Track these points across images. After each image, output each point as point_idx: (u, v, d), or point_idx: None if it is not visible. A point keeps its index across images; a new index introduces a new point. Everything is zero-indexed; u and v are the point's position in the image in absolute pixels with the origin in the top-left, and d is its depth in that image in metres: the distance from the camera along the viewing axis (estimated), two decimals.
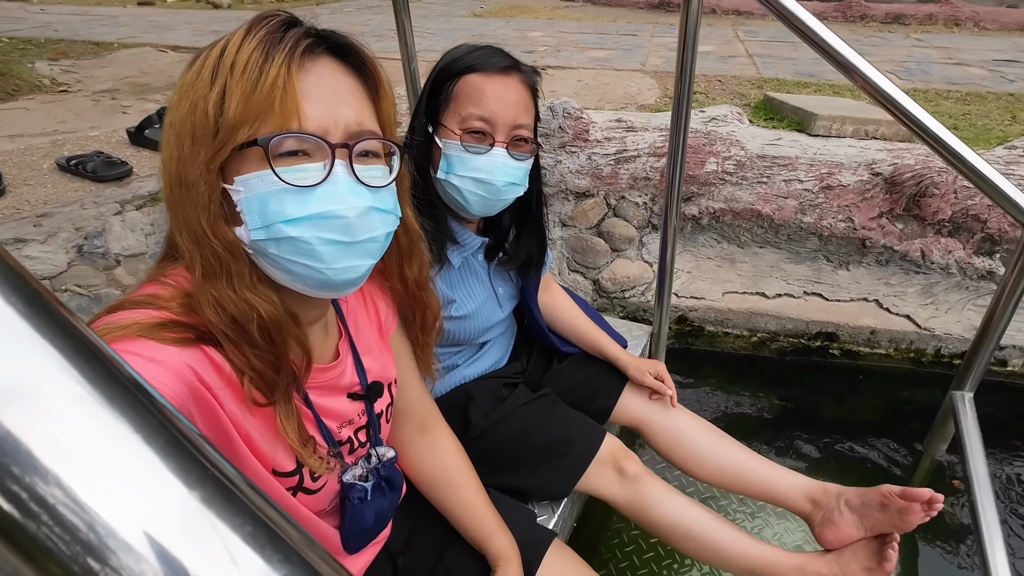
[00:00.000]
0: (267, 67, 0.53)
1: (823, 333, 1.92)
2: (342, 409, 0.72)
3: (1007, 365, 1.85)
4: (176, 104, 0.56)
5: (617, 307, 2.07)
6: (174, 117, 0.56)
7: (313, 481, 0.68)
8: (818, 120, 2.20)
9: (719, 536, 1.08)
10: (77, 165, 1.81)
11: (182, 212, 0.55)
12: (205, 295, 0.55)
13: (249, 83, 0.53)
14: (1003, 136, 2.37)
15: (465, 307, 1.10)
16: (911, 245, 1.93)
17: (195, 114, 0.54)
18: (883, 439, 1.72)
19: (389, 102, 0.63)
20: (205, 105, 0.53)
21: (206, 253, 0.55)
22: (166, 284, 0.58)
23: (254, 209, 0.55)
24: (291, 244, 0.56)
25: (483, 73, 0.97)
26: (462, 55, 0.99)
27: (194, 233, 0.55)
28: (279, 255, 0.56)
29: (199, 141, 0.54)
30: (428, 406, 0.93)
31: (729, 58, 4.08)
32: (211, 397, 0.55)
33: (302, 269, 0.57)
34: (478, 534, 0.89)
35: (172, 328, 0.54)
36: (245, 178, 0.55)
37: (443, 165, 0.99)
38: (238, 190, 0.55)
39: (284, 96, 0.54)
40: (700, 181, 2.02)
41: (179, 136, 0.55)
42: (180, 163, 0.55)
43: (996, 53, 4.38)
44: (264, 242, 0.56)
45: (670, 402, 1.26)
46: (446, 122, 0.98)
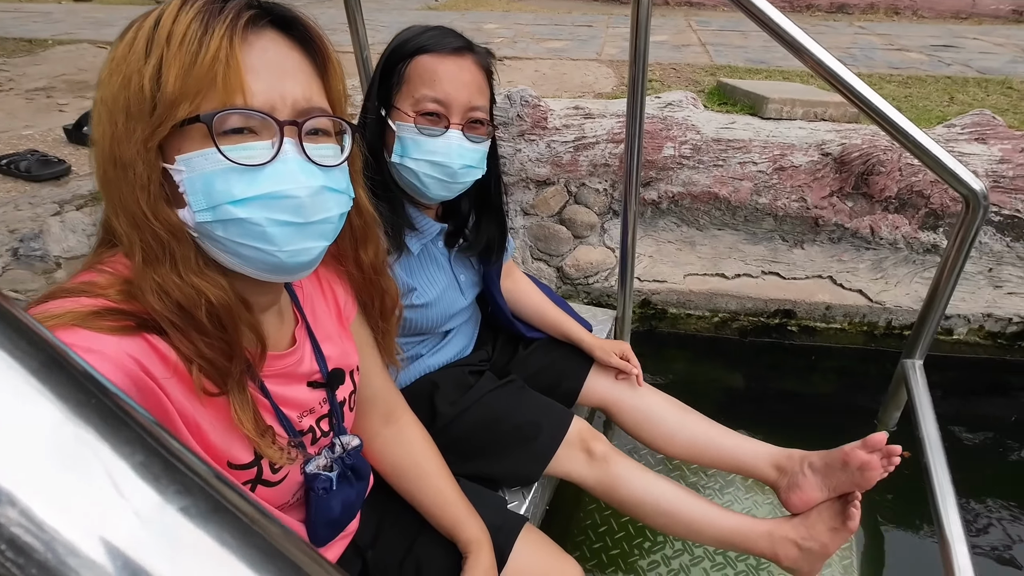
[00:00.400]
0: (207, 39, 0.50)
1: (781, 311, 1.97)
2: (302, 398, 0.70)
3: (953, 334, 1.93)
4: (107, 79, 0.52)
5: (581, 293, 2.08)
6: (105, 93, 0.52)
7: (273, 473, 0.65)
8: (769, 103, 2.25)
9: (689, 509, 1.09)
10: (9, 164, 1.71)
11: (118, 194, 0.52)
12: (147, 281, 0.52)
13: (188, 56, 0.50)
14: (942, 115, 2.47)
15: (426, 295, 1.08)
16: (861, 222, 1.99)
17: (129, 89, 0.50)
18: (840, 410, 1.78)
19: (338, 78, 0.60)
20: (140, 79, 0.50)
21: (147, 237, 0.52)
22: (103, 271, 0.55)
23: (198, 190, 0.52)
24: (239, 226, 0.53)
25: (436, 54, 0.95)
26: (414, 36, 0.97)
27: (133, 216, 0.51)
28: (227, 238, 0.53)
29: (134, 118, 0.50)
30: (393, 395, 0.91)
31: (683, 47, 4.14)
32: (157, 388, 0.52)
33: (252, 252, 0.55)
34: (448, 522, 0.87)
35: (110, 316, 0.51)
36: (187, 157, 0.51)
37: (397, 148, 0.97)
38: (180, 170, 0.52)
39: (227, 70, 0.51)
40: (658, 166, 2.04)
41: (112, 113, 0.51)
42: (114, 141, 0.51)
43: (933, 39, 4.57)
44: (210, 224, 0.53)
45: (636, 381, 1.27)
46: (399, 104, 0.96)
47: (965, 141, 2.00)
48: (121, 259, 0.56)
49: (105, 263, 0.56)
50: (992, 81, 3.20)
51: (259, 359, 0.61)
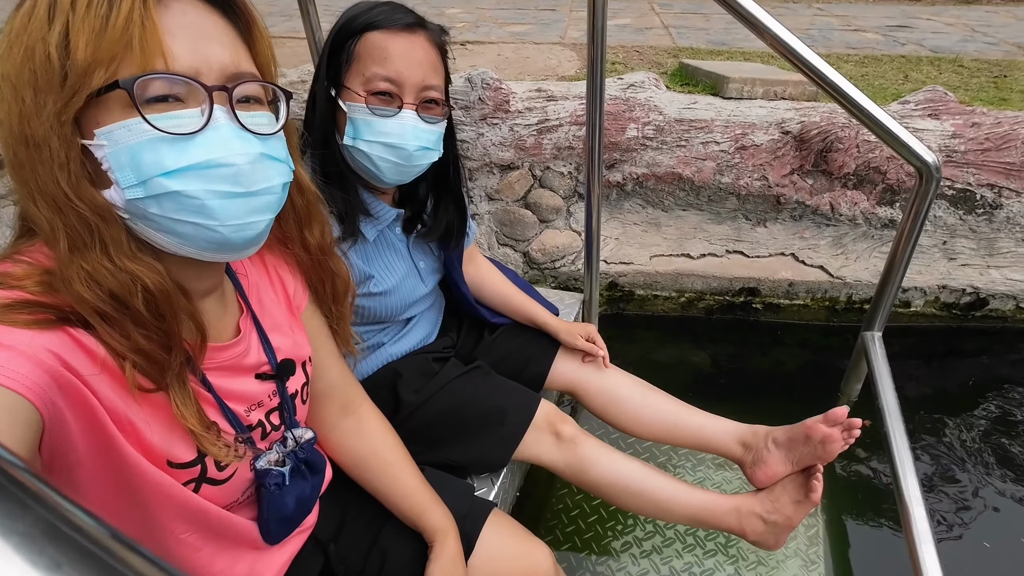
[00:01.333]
0: (117, 1, 0.46)
1: (746, 289, 1.99)
2: (249, 391, 0.67)
3: (911, 306, 1.98)
4: (6, 53, 0.47)
5: (548, 278, 2.06)
6: (6, 67, 0.47)
7: (219, 471, 0.62)
8: (730, 83, 2.26)
9: (657, 487, 1.09)
10: None
11: (33, 177, 0.47)
12: (74, 270, 0.48)
13: (99, 19, 0.46)
14: (897, 93, 2.52)
15: (384, 283, 1.05)
16: (821, 199, 2.02)
17: (33, 60, 0.46)
18: (805, 385, 1.82)
19: (265, 43, 0.56)
20: (45, 48, 0.46)
21: (71, 221, 0.48)
22: (20, 261, 0.51)
23: (124, 164, 0.48)
24: (175, 200, 0.49)
25: (386, 30, 0.91)
26: (362, 11, 0.93)
27: (53, 198, 0.47)
28: (162, 215, 0.50)
29: (43, 91, 0.46)
30: (350, 385, 0.88)
31: (646, 29, 4.14)
32: (81, 385, 0.48)
33: (191, 229, 0.51)
34: (412, 512, 0.85)
35: (26, 309, 0.47)
36: (108, 129, 0.48)
37: (349, 131, 0.92)
38: (101, 144, 0.48)
39: (143, 32, 0.47)
40: (622, 147, 2.03)
41: (16, 88, 0.46)
42: (23, 119, 0.47)
43: (888, 20, 4.66)
44: (142, 201, 0.49)
45: (603, 363, 1.26)
46: (349, 84, 0.91)
47: (919, 117, 2.04)
48: (41, 248, 0.52)
49: (23, 253, 0.52)
50: (944, 59, 3.28)
51: (199, 350, 0.58)
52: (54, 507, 0.14)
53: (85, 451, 0.50)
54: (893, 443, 1.20)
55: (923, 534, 1.02)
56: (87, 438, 0.50)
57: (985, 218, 2.00)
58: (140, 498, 0.55)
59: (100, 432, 0.50)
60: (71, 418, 0.48)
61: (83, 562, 0.13)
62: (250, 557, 0.71)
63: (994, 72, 2.99)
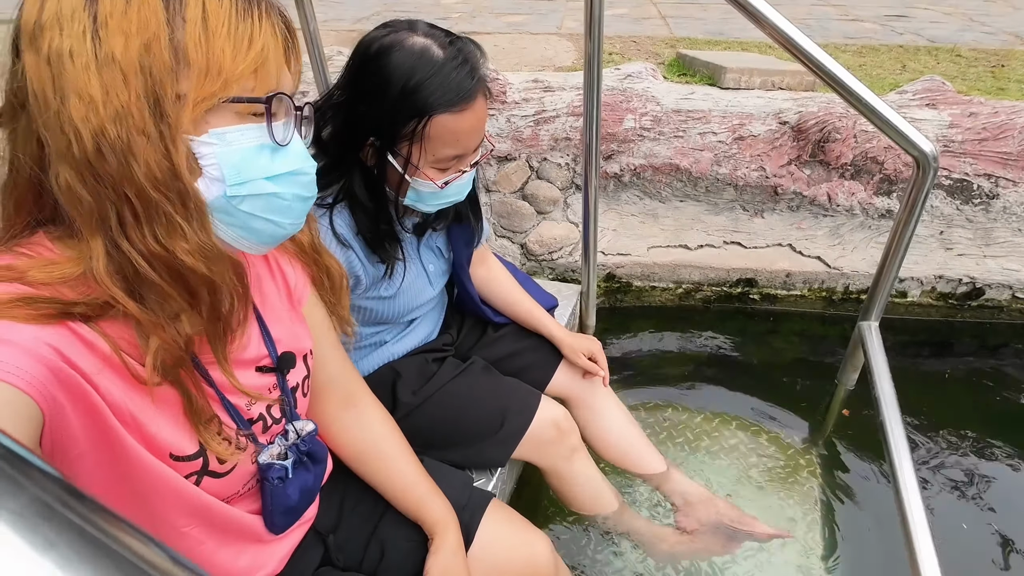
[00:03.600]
0: (252, 24, 0.51)
1: (743, 279, 2.00)
2: (250, 384, 0.66)
3: (907, 296, 1.99)
4: (97, 33, 0.46)
5: (546, 269, 2.06)
6: (110, 49, 0.46)
7: (220, 463, 0.62)
8: (728, 73, 2.25)
9: (626, 523, 1.28)
10: None
11: (136, 160, 0.47)
12: (176, 245, 0.49)
13: (239, 39, 0.50)
14: (895, 83, 2.51)
15: (394, 285, 1.04)
16: (818, 190, 2.02)
17: (158, 51, 0.47)
18: (802, 374, 1.82)
19: (300, 63, 0.59)
20: (172, 45, 0.48)
21: (176, 203, 0.49)
22: (21, 254, 0.50)
23: (233, 163, 0.52)
24: (268, 200, 0.55)
25: (453, 112, 0.86)
26: (423, 81, 0.85)
27: (163, 182, 0.48)
28: (250, 211, 0.54)
29: (163, 83, 0.47)
30: (352, 378, 0.88)
31: (642, 20, 4.12)
32: (82, 380, 0.48)
33: (266, 225, 0.56)
34: (412, 504, 0.86)
35: (26, 304, 0.47)
36: (222, 131, 0.51)
37: (412, 196, 0.94)
38: (211, 143, 0.51)
39: (273, 55, 0.53)
40: (619, 139, 2.02)
41: (125, 73, 0.46)
42: (134, 104, 0.47)
43: (886, 9, 4.64)
44: (239, 199, 0.53)
45: (602, 382, 1.29)
46: (416, 161, 0.90)
47: (916, 107, 2.03)
48: (42, 241, 0.51)
49: (23, 245, 0.52)
50: (942, 49, 3.27)
51: (201, 344, 0.58)
52: (48, 486, 0.14)
53: (87, 445, 0.50)
54: (889, 432, 1.21)
55: (919, 522, 1.03)
56: (89, 432, 0.50)
57: (982, 208, 2.00)
58: (143, 492, 0.55)
59: (102, 426, 0.50)
60: (72, 412, 0.48)
61: (78, 541, 0.13)
62: (252, 550, 0.71)
63: (992, 62, 2.99)
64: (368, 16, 4.26)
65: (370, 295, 1.02)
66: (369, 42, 0.88)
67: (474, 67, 0.88)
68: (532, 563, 0.93)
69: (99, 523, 0.14)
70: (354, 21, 4.08)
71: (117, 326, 0.52)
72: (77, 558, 0.12)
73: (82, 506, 0.14)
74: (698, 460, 1.52)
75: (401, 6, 4.58)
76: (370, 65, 0.87)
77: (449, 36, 0.89)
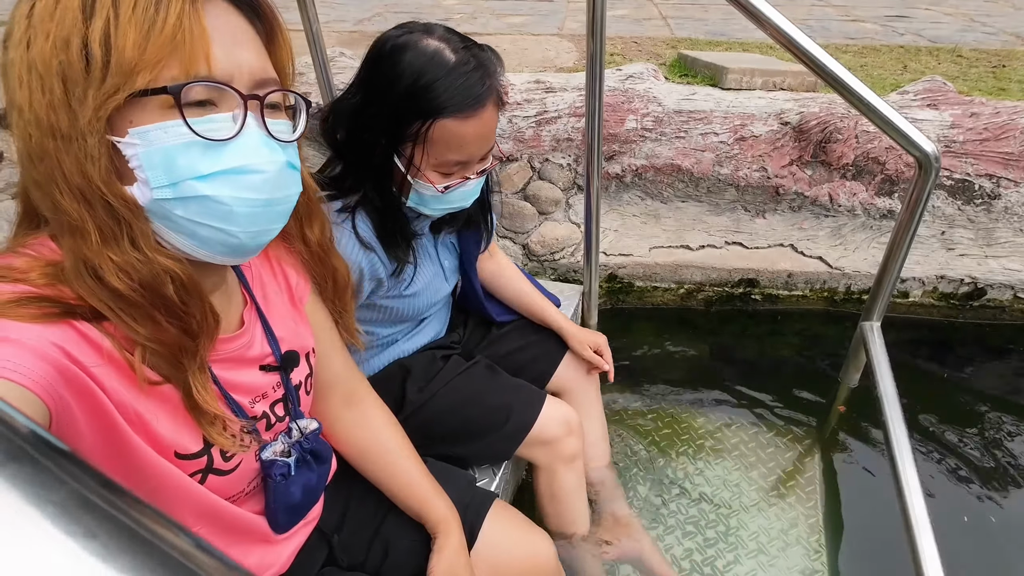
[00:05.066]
0: (164, 3, 0.46)
1: (745, 280, 2.00)
2: (254, 382, 0.67)
3: (909, 296, 1.99)
4: (30, 39, 0.46)
5: (548, 270, 2.07)
6: (30, 54, 0.46)
7: (225, 461, 0.62)
8: (729, 74, 2.25)
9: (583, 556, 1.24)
10: None
11: (59, 168, 0.47)
12: (105, 261, 0.48)
13: (147, 20, 0.45)
14: (896, 83, 2.52)
15: (417, 283, 1.06)
16: (820, 190, 2.03)
17: (68, 52, 0.45)
18: (804, 374, 1.82)
19: (287, 50, 0.57)
20: (82, 41, 0.45)
21: (101, 214, 0.47)
22: (23, 254, 0.51)
23: (157, 164, 0.48)
24: (202, 204, 0.50)
25: (460, 117, 0.86)
26: (431, 83, 0.84)
27: (82, 191, 0.47)
28: (186, 217, 0.50)
29: (77, 83, 0.46)
30: (354, 377, 0.88)
31: (644, 20, 4.12)
32: (87, 378, 0.48)
33: (211, 232, 0.52)
34: (415, 503, 0.86)
35: (32, 303, 0.47)
36: (143, 130, 0.47)
37: (414, 198, 0.94)
38: (133, 143, 0.47)
39: (191, 38, 0.47)
40: (621, 139, 2.03)
41: (43, 77, 0.46)
42: (51, 110, 0.46)
43: (887, 9, 4.65)
44: (169, 202, 0.49)
45: (608, 377, 1.29)
46: (418, 163, 0.89)
47: (918, 107, 2.04)
48: (44, 242, 0.52)
49: (26, 246, 0.52)
50: (943, 50, 3.28)
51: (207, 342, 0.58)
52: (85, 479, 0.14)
53: (93, 443, 0.50)
54: (892, 432, 1.21)
55: (921, 521, 1.03)
56: (95, 430, 0.50)
57: (983, 208, 2.00)
58: (149, 490, 0.56)
59: (108, 424, 0.51)
60: (78, 411, 0.48)
61: (117, 531, 0.13)
62: (259, 550, 0.72)
63: (993, 62, 2.99)
64: (369, 17, 4.26)
65: (391, 294, 1.03)
66: (384, 41, 0.88)
67: (486, 75, 0.87)
68: (535, 563, 0.94)
69: (134, 514, 0.14)
70: (355, 22, 4.09)
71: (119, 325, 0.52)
72: (117, 548, 0.12)
73: (119, 498, 0.14)
74: (700, 461, 1.52)
75: (402, 7, 4.59)
76: (382, 63, 0.87)
77: (465, 42, 0.89)
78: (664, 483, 1.47)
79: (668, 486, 1.46)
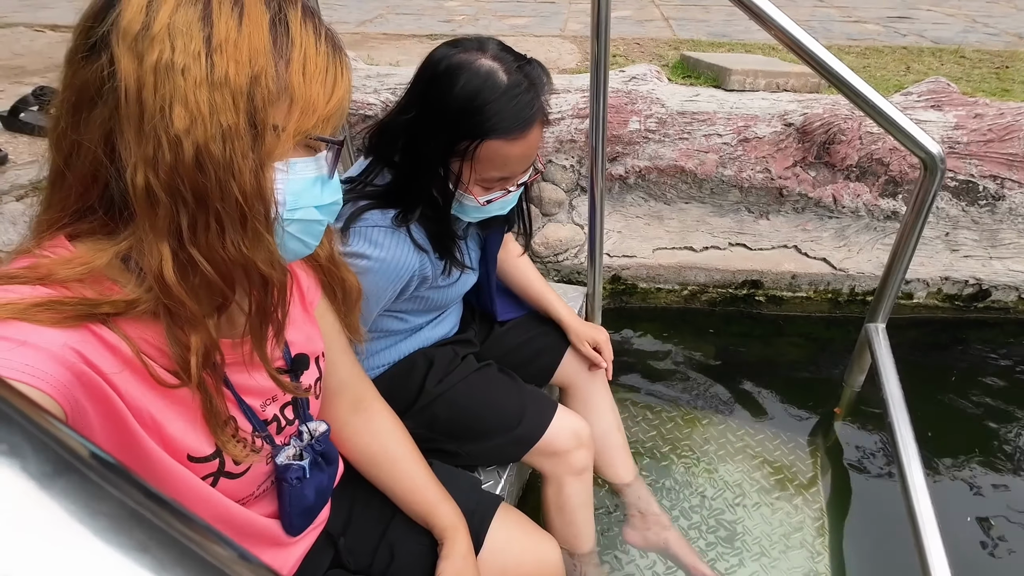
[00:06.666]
0: (336, 72, 0.54)
1: (749, 281, 1.99)
2: (264, 385, 0.67)
3: (913, 298, 1.99)
4: (217, 61, 0.48)
5: (551, 271, 2.07)
6: (220, 72, 0.48)
7: (236, 464, 0.62)
8: (732, 75, 2.25)
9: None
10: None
11: (226, 176, 0.49)
12: (206, 256, 0.51)
13: (330, 85, 0.54)
14: (900, 84, 2.51)
15: (454, 275, 1.08)
16: (823, 191, 2.02)
17: (260, 84, 0.49)
18: (808, 375, 1.82)
19: None
20: (280, 76, 0.51)
21: (254, 221, 0.52)
22: (41, 255, 0.51)
23: (294, 191, 0.55)
24: (308, 226, 0.58)
25: (509, 139, 0.88)
26: (483, 105, 0.86)
27: (246, 198, 0.51)
28: (292, 233, 0.57)
29: (265, 113, 0.50)
30: (361, 382, 0.88)
31: (646, 22, 4.12)
32: (103, 383, 0.49)
33: (299, 246, 0.59)
34: (421, 507, 0.86)
35: (51, 308, 0.47)
36: (293, 162, 0.54)
37: (456, 208, 0.97)
38: (283, 170, 0.54)
39: (347, 96, 0.56)
40: (624, 140, 2.03)
41: (235, 96, 0.49)
42: (240, 126, 0.50)
43: (888, 10, 4.65)
44: (290, 222, 0.56)
45: (606, 374, 1.29)
46: (464, 178, 0.92)
47: (922, 108, 2.03)
48: (61, 242, 0.52)
49: (43, 247, 0.52)
50: (945, 50, 3.27)
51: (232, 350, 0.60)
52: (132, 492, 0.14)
53: (108, 447, 0.50)
54: (898, 434, 1.20)
55: (928, 524, 1.03)
56: (110, 434, 0.50)
57: (987, 209, 2.00)
58: None
59: (122, 428, 0.51)
60: (93, 415, 0.48)
61: (168, 544, 0.13)
62: (270, 553, 0.72)
63: (996, 63, 2.99)
64: (372, 19, 4.27)
65: (432, 285, 1.06)
66: (439, 60, 0.89)
67: (535, 96, 0.89)
68: (542, 567, 0.93)
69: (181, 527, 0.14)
70: (357, 24, 4.09)
71: (138, 327, 0.52)
72: (170, 561, 0.12)
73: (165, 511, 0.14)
74: (704, 462, 1.52)
75: (404, 9, 4.60)
76: (438, 83, 0.88)
77: (518, 60, 0.90)
78: (667, 484, 1.47)
79: (671, 488, 1.46)
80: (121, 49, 0.47)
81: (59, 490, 0.12)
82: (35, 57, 3.04)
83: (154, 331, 0.53)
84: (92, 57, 0.48)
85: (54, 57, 3.04)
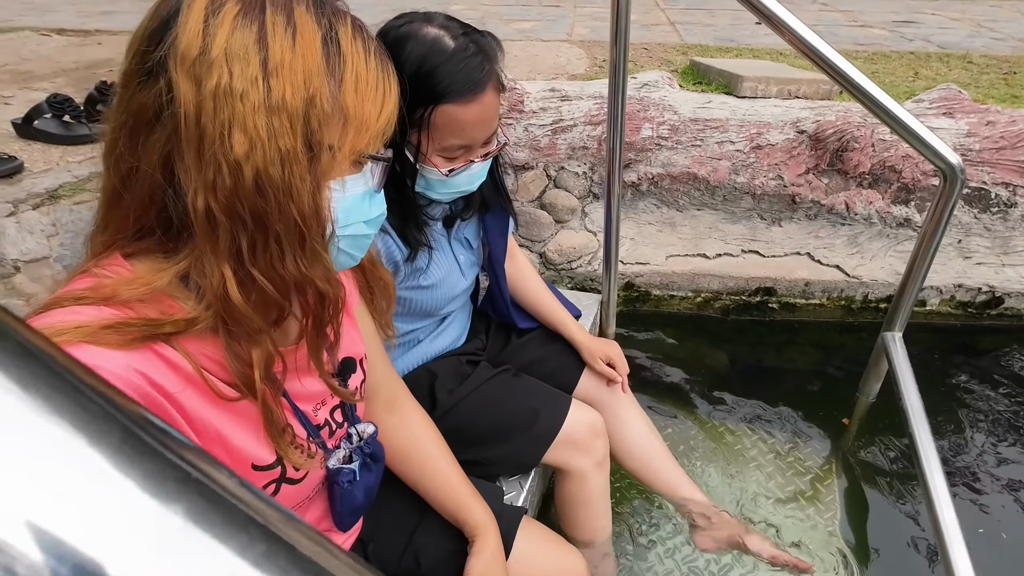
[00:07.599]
0: (385, 88, 0.55)
1: (762, 288, 2.00)
2: (313, 390, 0.69)
3: (926, 305, 1.99)
4: (273, 85, 0.48)
5: (565, 278, 2.07)
6: (277, 96, 0.48)
7: (296, 470, 0.64)
8: (744, 82, 2.25)
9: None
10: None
11: (286, 199, 0.50)
12: (266, 275, 0.52)
13: (379, 102, 0.54)
14: (910, 91, 2.51)
15: (432, 276, 1.07)
16: (836, 198, 2.03)
17: (316, 106, 0.50)
18: (822, 384, 1.82)
19: None
20: (335, 99, 0.51)
21: (312, 241, 0.53)
22: (101, 275, 0.51)
23: (345, 208, 0.56)
24: (356, 240, 0.59)
25: (461, 102, 0.88)
26: (431, 70, 0.86)
27: (304, 219, 0.51)
28: (342, 247, 0.58)
29: (321, 134, 0.51)
30: (395, 382, 0.90)
31: (652, 26, 4.13)
32: (166, 403, 0.50)
33: (347, 259, 0.61)
34: (453, 505, 0.87)
35: (118, 329, 0.48)
36: (344, 180, 0.55)
37: (421, 183, 0.96)
38: (335, 188, 0.54)
39: (395, 117, 0.57)
40: (637, 147, 2.03)
41: (292, 118, 0.49)
42: (298, 149, 0.50)
43: (894, 15, 4.65)
44: (341, 238, 0.57)
45: (621, 387, 1.29)
46: (423, 148, 0.92)
47: (933, 116, 2.04)
48: (118, 260, 0.52)
49: (101, 266, 0.52)
50: (953, 56, 3.27)
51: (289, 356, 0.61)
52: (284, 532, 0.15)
53: None
54: (919, 444, 1.20)
55: (954, 536, 1.03)
56: None
57: (1000, 216, 2.00)
58: None
59: None
60: None
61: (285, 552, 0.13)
62: None
63: (1003, 68, 2.99)
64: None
65: (409, 284, 1.05)
66: (386, 32, 0.90)
67: (486, 59, 0.89)
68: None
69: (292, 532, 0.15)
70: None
71: (197, 343, 0.53)
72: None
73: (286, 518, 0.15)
74: (717, 473, 1.51)
75: None
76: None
77: (465, 28, 0.91)
78: None
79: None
80: (179, 74, 0.47)
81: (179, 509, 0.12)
82: (43, 62, 3.04)
83: (212, 346, 0.53)
84: (150, 81, 0.48)
85: (62, 62, 3.04)
